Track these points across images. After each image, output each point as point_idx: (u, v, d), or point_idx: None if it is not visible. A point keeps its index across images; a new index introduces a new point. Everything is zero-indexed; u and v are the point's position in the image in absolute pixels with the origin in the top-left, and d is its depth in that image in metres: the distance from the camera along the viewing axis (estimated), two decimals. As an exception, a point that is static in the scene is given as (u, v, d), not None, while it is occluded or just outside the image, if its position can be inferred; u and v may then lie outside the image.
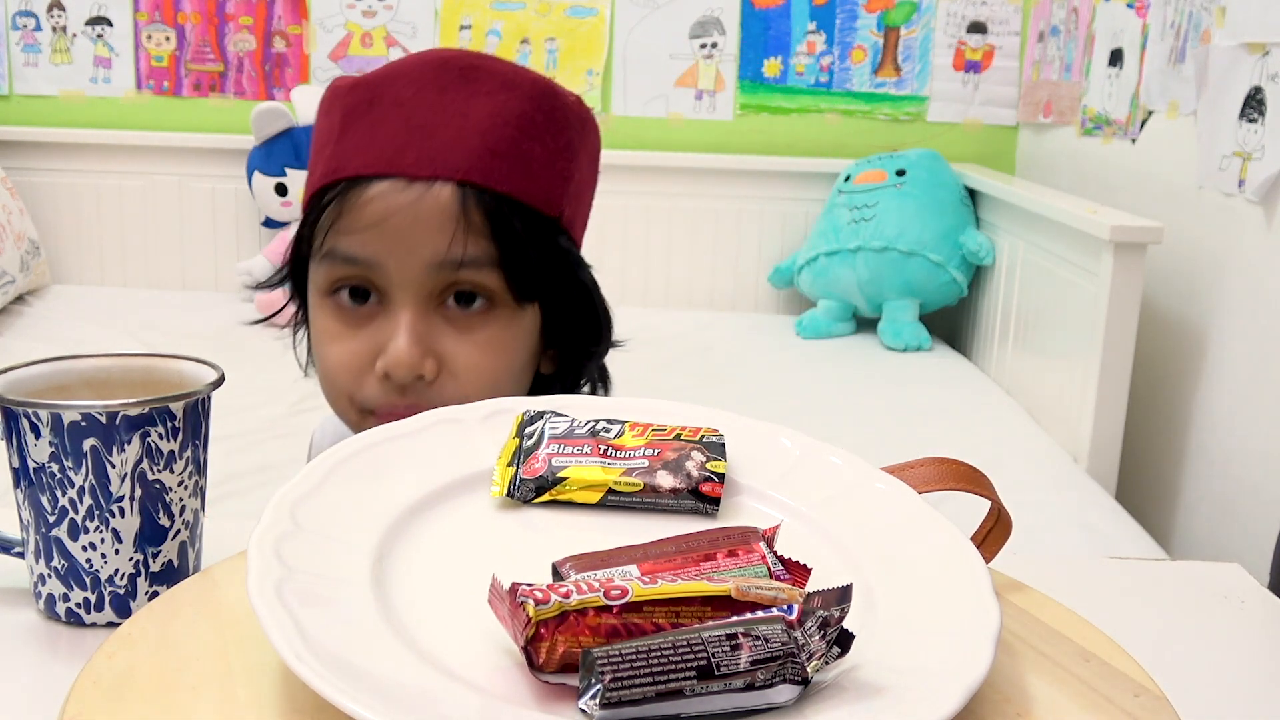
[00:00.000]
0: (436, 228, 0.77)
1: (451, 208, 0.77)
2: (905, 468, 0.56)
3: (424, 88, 0.79)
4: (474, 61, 0.80)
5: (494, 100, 0.79)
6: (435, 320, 0.79)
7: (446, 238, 0.77)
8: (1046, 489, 1.89)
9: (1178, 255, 2.12)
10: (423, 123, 0.78)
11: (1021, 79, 2.97)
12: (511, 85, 0.79)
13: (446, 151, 0.77)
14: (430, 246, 0.77)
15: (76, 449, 0.57)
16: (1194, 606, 0.70)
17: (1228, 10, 1.95)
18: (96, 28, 2.99)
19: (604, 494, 0.53)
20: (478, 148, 0.78)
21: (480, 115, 0.78)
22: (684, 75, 3.00)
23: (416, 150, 0.77)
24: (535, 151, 0.79)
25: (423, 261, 0.77)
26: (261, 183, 2.86)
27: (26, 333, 2.60)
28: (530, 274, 0.79)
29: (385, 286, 0.78)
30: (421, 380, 0.78)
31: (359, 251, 0.78)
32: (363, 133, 0.79)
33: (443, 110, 0.78)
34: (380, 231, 0.77)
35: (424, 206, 0.77)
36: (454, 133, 0.78)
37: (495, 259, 0.78)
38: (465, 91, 0.79)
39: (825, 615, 0.40)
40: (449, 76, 0.79)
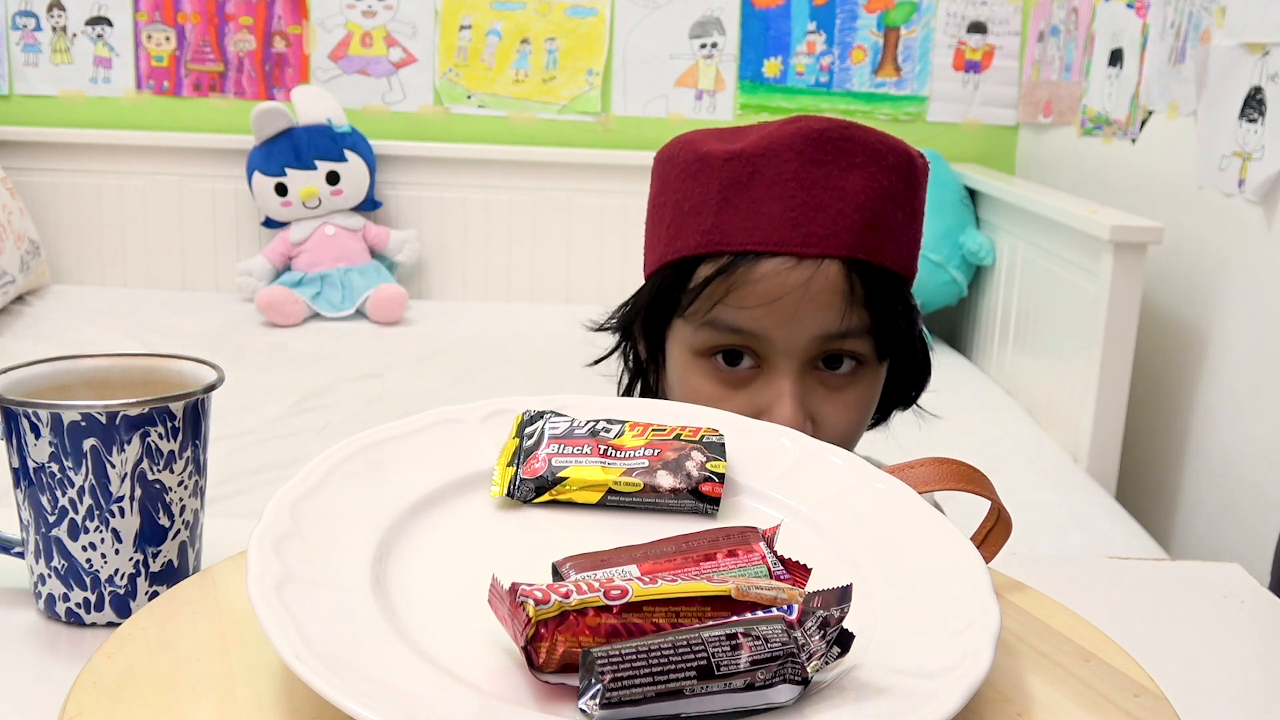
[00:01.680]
0: (826, 304, 0.81)
1: (840, 284, 0.81)
2: (905, 468, 0.56)
3: (804, 164, 0.82)
4: (845, 133, 0.83)
5: (865, 173, 0.82)
6: (810, 382, 0.83)
7: (835, 313, 0.81)
8: (1046, 489, 1.89)
9: (1178, 255, 2.12)
10: (806, 200, 0.82)
11: (1021, 79, 2.97)
12: (879, 156, 0.83)
13: (831, 228, 0.81)
14: (818, 321, 0.81)
15: (76, 449, 0.57)
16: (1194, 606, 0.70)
17: (1228, 10, 1.95)
18: (96, 28, 2.99)
19: (604, 494, 0.53)
20: (858, 223, 0.82)
21: (855, 189, 0.82)
22: (684, 75, 3.00)
23: (804, 228, 0.81)
24: (899, 219, 0.84)
25: (809, 335, 0.81)
26: (261, 183, 2.86)
27: (26, 333, 2.60)
28: (897, 336, 0.84)
29: (767, 354, 0.83)
30: None
31: (748, 324, 0.81)
32: (745, 207, 0.82)
33: (823, 187, 0.82)
34: (772, 309, 0.81)
35: (815, 284, 0.80)
36: (835, 210, 0.82)
37: (871, 327, 0.82)
38: (841, 164, 0.82)
39: (825, 615, 0.40)
40: (824, 150, 0.83)
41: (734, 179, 0.83)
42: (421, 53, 3.02)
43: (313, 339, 2.69)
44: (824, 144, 0.82)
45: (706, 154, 0.85)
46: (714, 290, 0.82)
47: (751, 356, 0.83)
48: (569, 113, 3.02)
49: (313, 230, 2.88)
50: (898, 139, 0.85)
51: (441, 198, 3.04)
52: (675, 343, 0.87)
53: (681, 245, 0.86)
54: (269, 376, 2.34)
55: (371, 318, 2.83)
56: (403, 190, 3.04)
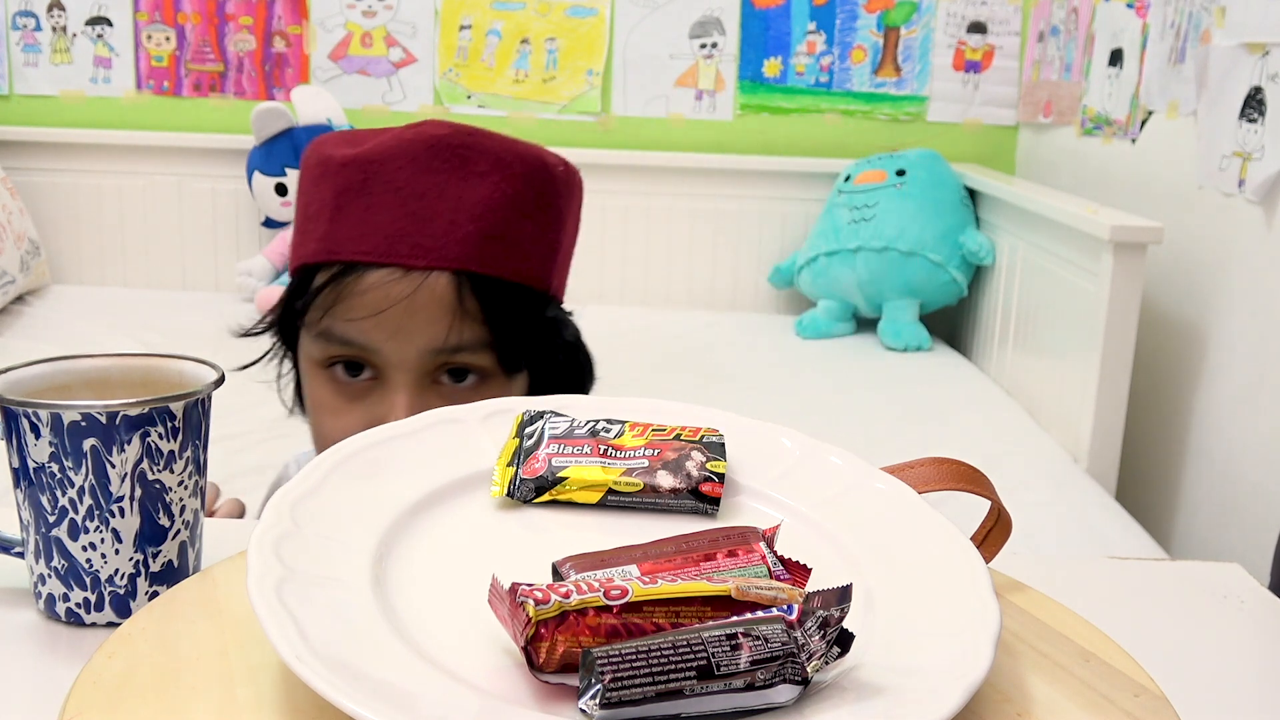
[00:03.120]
0: (433, 317, 0.79)
1: (447, 297, 0.79)
2: (905, 468, 0.56)
3: (418, 171, 0.80)
4: (466, 140, 0.81)
5: (487, 182, 0.80)
6: (430, 395, 0.81)
7: (443, 327, 0.79)
8: (1046, 489, 1.89)
9: (1178, 255, 2.12)
10: (417, 210, 0.79)
11: (1021, 79, 2.97)
12: (504, 165, 0.80)
13: (442, 240, 0.79)
14: (426, 335, 0.79)
15: (76, 449, 0.57)
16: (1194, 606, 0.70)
17: (1228, 10, 1.95)
18: (96, 28, 2.99)
19: (604, 494, 0.53)
20: (473, 234, 0.79)
21: (474, 199, 0.79)
22: (684, 75, 3.00)
23: (412, 239, 0.79)
24: (527, 230, 0.81)
25: (419, 348, 0.79)
26: (261, 183, 2.86)
27: (26, 333, 2.60)
28: (522, 350, 0.82)
29: (381, 366, 0.80)
30: None
31: (356, 337, 0.80)
32: (357, 215, 0.80)
33: (438, 196, 0.79)
34: (377, 321, 0.79)
35: (421, 297, 0.78)
36: (449, 220, 0.79)
37: (489, 342, 0.80)
38: (460, 174, 0.80)
39: (825, 615, 0.40)
40: (442, 158, 0.80)
41: (349, 185, 0.81)
42: (421, 53, 3.02)
43: (313, 339, 2.68)
44: (442, 151, 0.80)
45: (327, 157, 0.83)
46: (324, 300, 0.81)
47: (370, 368, 0.81)
48: (569, 113, 3.02)
49: (313, 230, 2.88)
50: (537, 148, 0.83)
51: (441, 198, 3.03)
52: (302, 351, 0.86)
53: (303, 252, 0.84)
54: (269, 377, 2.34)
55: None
56: (403, 190, 3.04)
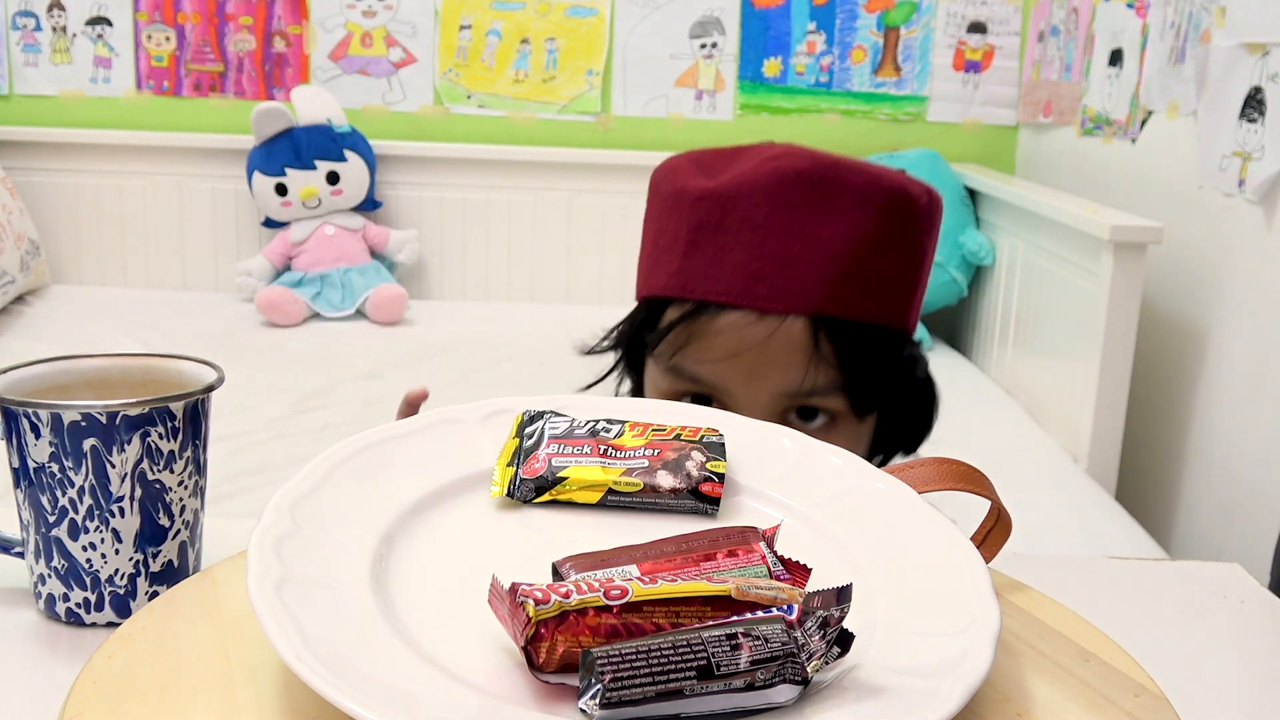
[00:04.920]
0: (788, 362, 0.76)
1: (803, 342, 0.76)
2: (905, 468, 0.56)
3: (776, 207, 0.77)
4: (827, 175, 0.77)
5: (848, 219, 0.76)
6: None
7: (798, 372, 0.77)
8: (1046, 489, 1.89)
9: (1178, 255, 2.12)
10: (775, 250, 0.76)
11: (1021, 79, 2.97)
12: (867, 200, 0.77)
13: (800, 282, 0.76)
14: (780, 379, 0.77)
15: (76, 449, 0.57)
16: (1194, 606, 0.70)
17: (1228, 10, 1.95)
18: (96, 28, 2.99)
19: (604, 494, 0.53)
20: (831, 275, 0.76)
21: (834, 239, 0.76)
22: (684, 75, 3.00)
23: (770, 281, 0.76)
24: (888, 269, 0.78)
25: (771, 392, 0.77)
26: (261, 183, 2.86)
27: (26, 333, 2.60)
28: (874, 391, 0.79)
29: (732, 405, 0.78)
30: None
31: (708, 377, 0.78)
32: (712, 252, 0.78)
33: (797, 235, 0.76)
34: (731, 364, 0.77)
35: (776, 341, 0.76)
36: (807, 261, 0.76)
37: (842, 385, 0.77)
38: (820, 210, 0.76)
39: (825, 615, 0.40)
40: (803, 194, 0.77)
41: (704, 220, 0.79)
42: (421, 53, 3.02)
43: (313, 339, 2.69)
44: (801, 187, 0.77)
45: (683, 189, 0.81)
46: (676, 337, 0.79)
47: (719, 404, 0.79)
48: (569, 113, 3.02)
49: (313, 230, 2.88)
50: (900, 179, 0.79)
51: (441, 198, 3.04)
52: (649, 378, 0.84)
53: (653, 283, 0.82)
54: (269, 376, 2.34)
55: (371, 318, 2.83)
56: (403, 190, 3.04)
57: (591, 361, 0.96)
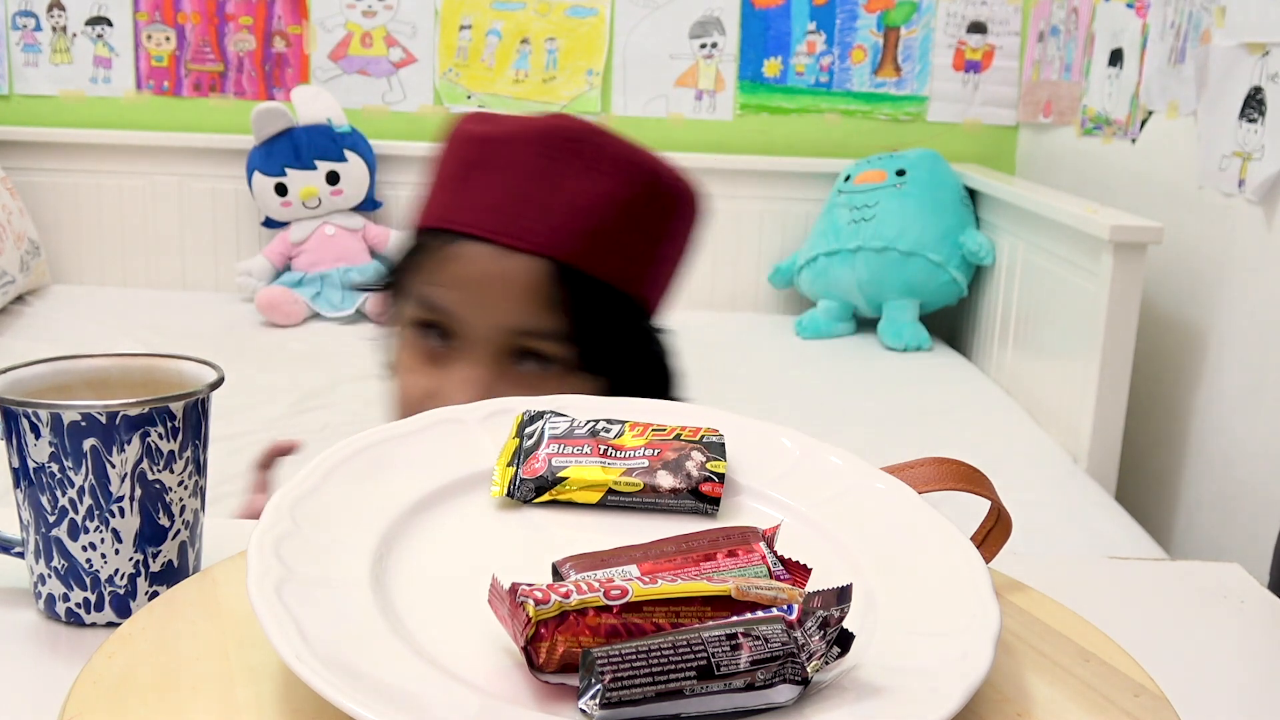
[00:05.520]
0: (517, 298, 0.80)
1: (536, 282, 0.80)
2: (905, 468, 0.56)
3: (534, 155, 0.82)
4: (589, 137, 0.83)
5: (599, 180, 0.81)
6: (506, 374, 0.82)
7: (524, 309, 0.80)
8: (1046, 489, 1.89)
9: (1178, 255, 2.12)
10: (524, 192, 0.81)
11: (1021, 79, 2.97)
12: (618, 169, 0.82)
13: (540, 225, 0.80)
14: (508, 313, 0.81)
15: (76, 449, 0.57)
16: (1194, 606, 0.70)
17: (1228, 10, 1.95)
18: (96, 28, 2.99)
19: (604, 494, 0.53)
20: (570, 226, 0.80)
21: (582, 193, 0.81)
22: (684, 75, 3.00)
23: (516, 221, 0.81)
24: (629, 239, 0.82)
25: (499, 325, 0.81)
26: (261, 183, 2.86)
27: (26, 333, 2.60)
28: (602, 350, 0.82)
29: (463, 336, 0.82)
30: None
31: (443, 302, 0.82)
32: (473, 190, 0.83)
33: (550, 184, 0.81)
34: (465, 291, 0.81)
35: (509, 275, 0.80)
36: (549, 207, 0.81)
37: (569, 334, 0.81)
38: (575, 166, 0.81)
39: (825, 615, 0.40)
40: (564, 147, 0.82)
41: (474, 159, 0.84)
42: (421, 53, 3.02)
43: (313, 339, 2.69)
44: (565, 142, 0.82)
45: (461, 131, 0.86)
46: (425, 263, 0.83)
47: (453, 336, 0.83)
48: (569, 112, 3.02)
49: (313, 230, 2.88)
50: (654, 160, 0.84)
51: (441, 198, 3.03)
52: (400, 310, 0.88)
53: (423, 216, 0.87)
54: (269, 376, 2.34)
55: (372, 318, 2.83)
56: (403, 190, 3.04)
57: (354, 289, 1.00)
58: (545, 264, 0.80)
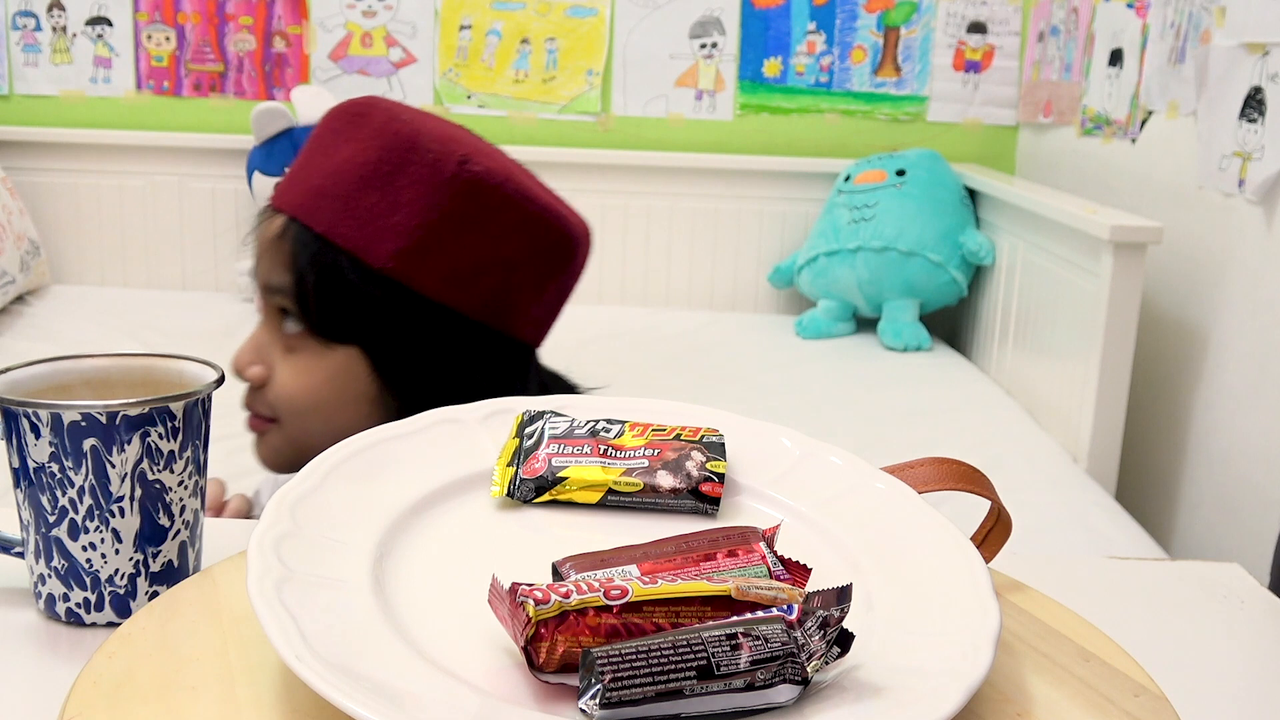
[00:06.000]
0: (267, 254, 0.88)
1: (277, 239, 0.87)
2: (905, 468, 0.56)
3: (321, 130, 0.89)
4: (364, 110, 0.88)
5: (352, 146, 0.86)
6: (278, 336, 0.88)
7: (270, 266, 0.87)
8: (1046, 489, 1.89)
9: (1178, 255, 2.12)
10: (303, 161, 0.89)
11: (1021, 79, 2.97)
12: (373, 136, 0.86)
13: (297, 188, 0.87)
14: (263, 270, 0.88)
15: (76, 449, 0.57)
16: (1194, 606, 0.70)
17: (1228, 10, 1.95)
18: (96, 28, 2.99)
19: (604, 494, 0.53)
20: (310, 188, 0.86)
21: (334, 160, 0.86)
22: (684, 75, 3.00)
23: (284, 185, 0.89)
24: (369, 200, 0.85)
25: (260, 282, 0.89)
26: (261, 183, 2.86)
27: (26, 333, 2.60)
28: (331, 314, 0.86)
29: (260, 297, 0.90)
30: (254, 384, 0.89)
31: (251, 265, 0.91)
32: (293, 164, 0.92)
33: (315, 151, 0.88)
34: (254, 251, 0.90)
35: (266, 234, 0.88)
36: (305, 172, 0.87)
37: (298, 292, 0.86)
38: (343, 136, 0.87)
39: (825, 615, 0.40)
40: (342, 121, 0.88)
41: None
42: (421, 53, 3.02)
43: (313, 339, 2.68)
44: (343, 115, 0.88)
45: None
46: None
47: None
48: (569, 113, 3.02)
49: (313, 230, 2.88)
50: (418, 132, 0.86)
51: (441, 198, 3.03)
52: None
53: None
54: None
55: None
56: (403, 190, 3.04)
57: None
58: (285, 222, 0.86)
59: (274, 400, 0.87)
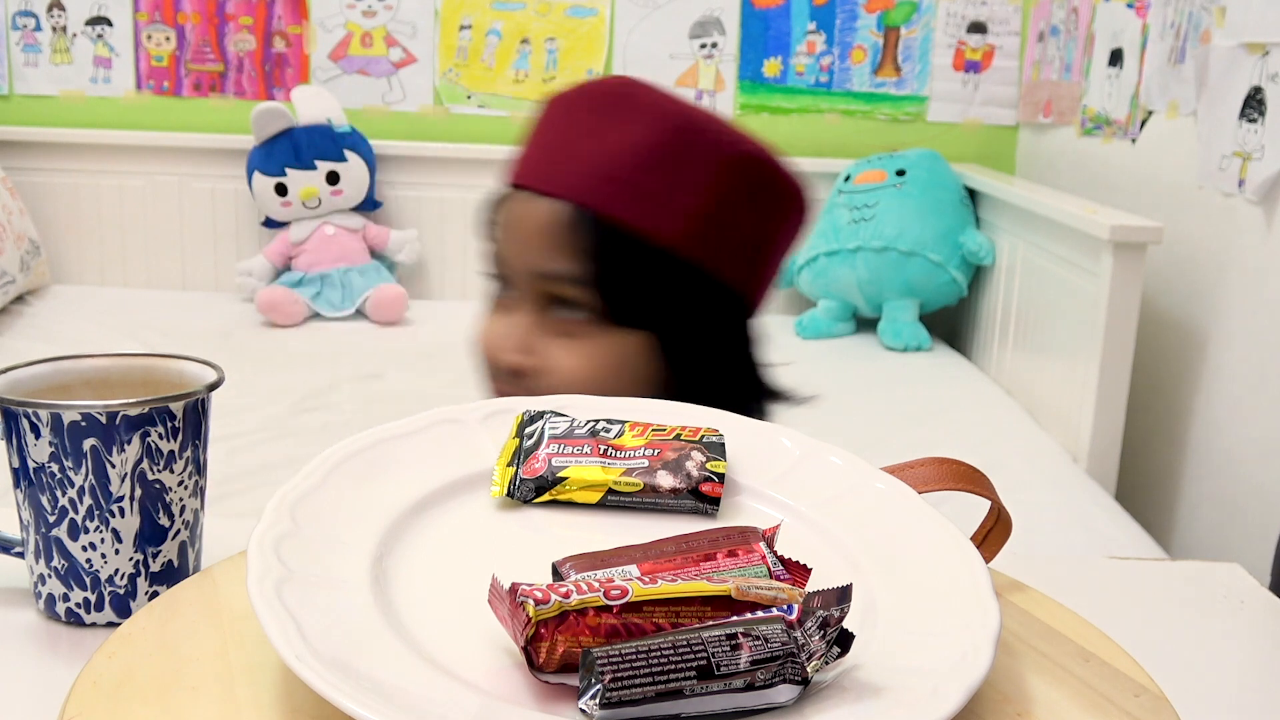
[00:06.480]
0: (543, 241, 0.83)
1: (558, 224, 0.83)
2: (905, 468, 0.56)
3: (574, 110, 0.87)
4: (627, 91, 0.86)
5: (626, 130, 0.84)
6: (546, 323, 0.85)
7: (548, 251, 0.83)
8: (1046, 489, 1.89)
9: (1178, 255, 2.12)
10: (563, 142, 0.86)
11: (1021, 79, 2.97)
12: (650, 119, 0.84)
13: (574, 171, 0.84)
14: (534, 255, 0.84)
15: (76, 449, 0.57)
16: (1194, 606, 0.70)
17: (1228, 10, 1.95)
18: (96, 28, 2.99)
19: (604, 494, 0.53)
20: (594, 172, 0.83)
21: (609, 142, 0.84)
22: (684, 75, 3.00)
23: (551, 168, 0.85)
24: (655, 184, 0.83)
25: (530, 269, 0.84)
26: (261, 183, 2.86)
27: (26, 333, 2.60)
28: (628, 298, 0.84)
29: (512, 283, 0.87)
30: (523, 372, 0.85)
31: (497, 249, 0.87)
32: (527, 146, 0.89)
33: (579, 132, 0.85)
34: (508, 237, 0.86)
35: (538, 220, 0.84)
36: (579, 155, 0.85)
37: (592, 278, 0.83)
38: (607, 117, 0.85)
39: (825, 615, 0.40)
40: (599, 101, 0.86)
41: (537, 120, 0.90)
42: (421, 53, 3.02)
43: (313, 339, 2.69)
44: (602, 96, 0.86)
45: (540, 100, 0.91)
46: (491, 219, 0.89)
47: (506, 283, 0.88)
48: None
49: (313, 230, 2.88)
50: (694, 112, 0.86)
51: (441, 198, 3.04)
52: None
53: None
54: (269, 376, 2.34)
55: (371, 318, 2.83)
56: (403, 190, 3.04)
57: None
58: (565, 207, 0.83)
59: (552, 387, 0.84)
